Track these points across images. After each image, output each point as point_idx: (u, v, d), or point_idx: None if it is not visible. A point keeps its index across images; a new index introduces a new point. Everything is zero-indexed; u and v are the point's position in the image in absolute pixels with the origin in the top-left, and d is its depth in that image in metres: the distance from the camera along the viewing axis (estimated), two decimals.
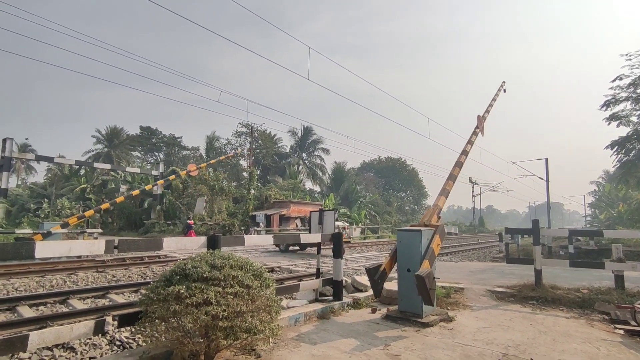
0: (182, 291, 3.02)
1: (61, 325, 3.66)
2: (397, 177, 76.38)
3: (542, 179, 35.48)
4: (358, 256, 15.24)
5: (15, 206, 34.56)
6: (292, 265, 10.99)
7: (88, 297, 6.51)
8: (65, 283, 8.24)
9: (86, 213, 16.37)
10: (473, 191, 64.02)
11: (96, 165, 26.47)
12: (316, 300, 5.87)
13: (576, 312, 5.45)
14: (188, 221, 23.97)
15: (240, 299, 3.22)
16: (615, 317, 4.91)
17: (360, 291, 6.48)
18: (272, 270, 10.13)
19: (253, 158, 53.32)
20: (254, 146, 52.41)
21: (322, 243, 6.10)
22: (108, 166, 27.15)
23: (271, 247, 18.38)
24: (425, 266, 4.65)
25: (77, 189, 33.35)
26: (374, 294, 5.28)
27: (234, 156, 45.59)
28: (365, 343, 4.00)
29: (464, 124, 8.42)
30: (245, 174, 45.75)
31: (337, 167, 54.94)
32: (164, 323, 2.98)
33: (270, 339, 3.46)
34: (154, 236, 26.45)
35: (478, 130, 8.54)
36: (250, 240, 4.50)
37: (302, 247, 16.94)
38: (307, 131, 56.52)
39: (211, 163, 32.50)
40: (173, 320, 2.98)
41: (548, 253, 17.21)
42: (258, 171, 54.08)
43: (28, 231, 13.62)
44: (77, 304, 5.95)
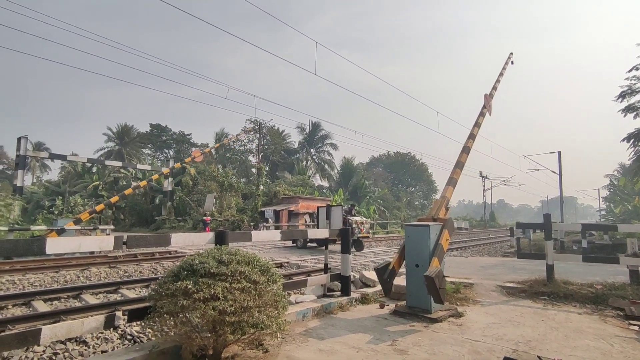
0: (190, 286, 3.04)
1: (74, 319, 3.73)
2: (407, 172, 75.89)
3: (555, 173, 34.82)
4: (367, 251, 15.21)
5: (30, 203, 35.42)
6: (301, 260, 11.03)
7: (100, 292, 6.65)
8: (78, 278, 8.42)
9: (97, 207, 16.67)
10: (484, 186, 63.19)
11: (107, 162, 26.91)
12: (324, 295, 5.87)
13: (589, 308, 5.34)
14: (204, 218, 24.36)
15: (247, 294, 3.23)
16: (629, 313, 4.81)
17: (368, 286, 6.47)
18: (281, 265, 10.18)
19: (262, 154, 53.57)
20: (262, 142, 52.61)
21: (335, 240, 6.09)
22: (119, 163, 27.57)
23: (288, 243, 18.39)
24: (434, 265, 4.60)
25: (90, 186, 33.97)
26: (384, 293, 5.26)
27: (237, 139, 45.49)
28: (373, 338, 3.99)
29: (474, 117, 8.21)
30: (254, 170, 45.95)
31: (346, 163, 54.75)
32: (172, 318, 3.01)
33: (277, 334, 3.47)
34: (164, 232, 26.84)
35: (485, 110, 8.21)
36: (257, 235, 4.51)
37: (320, 244, 16.57)
38: (316, 127, 56.39)
39: (215, 147, 32.49)
40: (181, 315, 3.01)
41: (561, 248, 16.92)
42: (267, 167, 54.31)
43: (43, 228, 13.95)
44: (90, 299, 6.08)
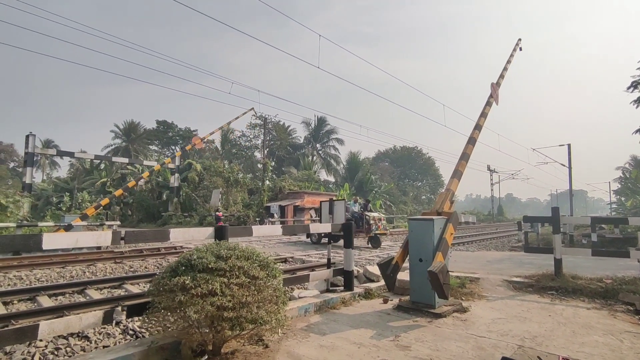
0: (187, 282, 3.01)
1: (76, 314, 3.73)
2: (413, 167, 75.47)
3: (564, 166, 34.29)
4: (360, 245, 15.14)
5: (40, 200, 35.98)
6: (305, 255, 11.00)
7: (105, 287, 6.70)
8: (84, 274, 8.50)
9: (102, 202, 16.85)
10: (491, 179, 62.58)
11: (114, 159, 27.17)
12: (327, 290, 5.84)
13: (598, 303, 5.22)
14: (217, 213, 24.51)
15: (245, 290, 3.19)
16: None
17: (372, 281, 6.41)
18: (285, 260, 10.17)
19: (267, 150, 53.59)
20: (268, 138, 52.59)
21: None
22: (126, 160, 27.82)
23: (303, 238, 18.28)
24: (438, 259, 4.52)
25: (98, 183, 34.35)
26: (388, 288, 5.19)
27: (237, 119, 45.22)
28: (375, 334, 3.93)
29: (481, 109, 8.06)
30: (260, 166, 46.01)
31: (352, 157, 54.55)
32: (170, 313, 2.98)
33: (278, 330, 3.44)
34: (171, 228, 27.01)
35: (492, 99, 7.99)
36: (258, 230, 4.47)
37: (335, 239, 16.08)
38: (321, 122, 56.22)
39: (214, 132, 32.35)
40: (179, 310, 2.98)
41: (570, 242, 16.67)
42: (273, 163, 54.36)
43: (50, 224, 14.14)
44: (94, 294, 6.13)
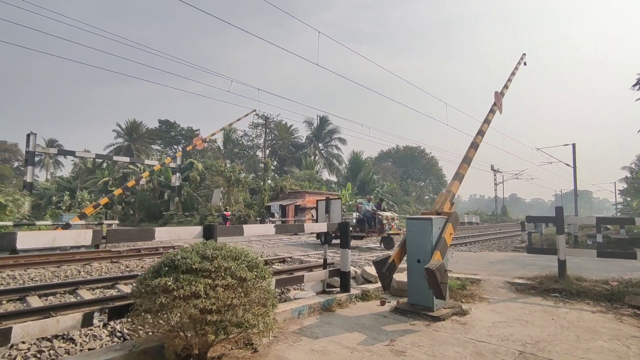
0: (170, 283, 2.86)
1: (55, 317, 3.59)
2: (416, 166, 75.17)
3: (569, 166, 33.90)
4: (373, 246, 14.96)
5: (43, 199, 36.11)
6: (304, 255, 10.85)
7: (97, 288, 6.58)
8: (79, 273, 8.39)
9: (101, 201, 16.78)
10: (495, 179, 62.19)
11: (115, 158, 27.16)
12: (323, 291, 5.69)
13: (604, 306, 5.03)
14: (224, 212, 24.46)
15: (232, 292, 3.04)
16: None
17: (369, 282, 6.25)
18: (284, 260, 10.02)
19: (269, 149, 53.51)
20: (271, 137, 52.52)
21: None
22: (127, 159, 27.82)
23: (312, 239, 17.96)
24: (436, 258, 4.36)
25: (100, 182, 34.41)
26: (383, 287, 5.04)
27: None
28: (369, 338, 3.77)
29: (483, 108, 7.95)
30: (262, 165, 45.92)
31: (354, 157, 54.35)
32: (151, 316, 2.84)
33: (265, 333, 3.29)
34: (171, 227, 26.95)
35: (496, 107, 7.95)
36: (249, 230, 4.32)
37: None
38: (323, 121, 56.06)
39: (216, 133, 32.34)
40: (160, 313, 2.84)
41: (574, 242, 16.40)
42: (275, 162, 54.28)
43: (48, 223, 14.09)
44: (85, 294, 6.01)
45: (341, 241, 5.45)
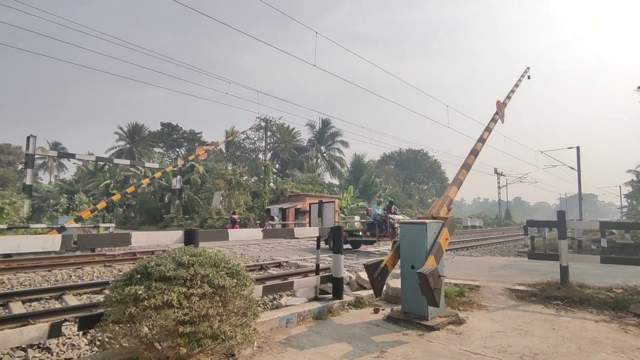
0: (141, 292, 2.70)
1: (45, 322, 3.42)
2: (419, 170, 74.87)
3: (573, 169, 33.56)
4: (372, 250, 14.74)
5: (45, 202, 36.18)
6: (301, 260, 10.66)
7: (85, 293, 6.42)
8: (70, 277, 8.23)
9: (99, 205, 16.67)
10: (499, 182, 61.65)
11: (116, 161, 27.12)
12: (316, 298, 5.50)
13: (607, 315, 4.80)
14: (233, 216, 24.28)
15: (208, 301, 2.87)
16: None
17: (364, 289, 6.05)
18: (279, 265, 9.84)
19: (272, 152, 53.45)
20: (273, 140, 52.47)
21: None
22: (127, 162, 27.79)
23: (311, 243, 17.50)
24: (430, 262, 4.17)
25: (102, 185, 34.44)
26: (374, 293, 4.84)
27: (247, 137, 45.52)
28: (358, 349, 3.58)
29: (485, 110, 7.86)
30: (263, 168, 45.84)
31: (356, 160, 54.16)
32: (119, 327, 2.67)
33: (244, 346, 3.11)
34: (172, 230, 26.87)
35: (497, 116, 7.91)
36: (234, 234, 4.14)
37: (355, 245, 14.84)
38: (326, 124, 55.94)
39: (218, 144, 32.38)
40: (130, 324, 2.67)
41: (578, 247, 16.11)
42: (277, 165, 54.18)
43: (42, 226, 13.98)
44: (72, 300, 5.85)
45: (333, 246, 5.27)
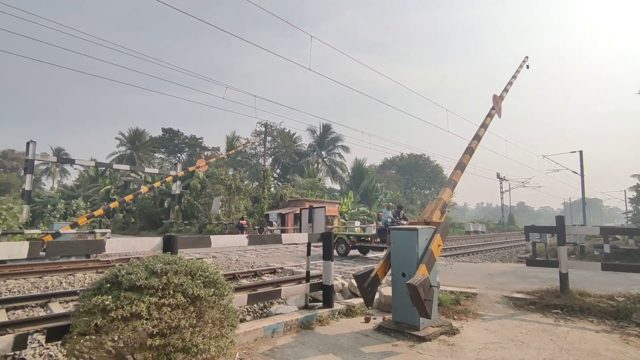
0: (108, 302, 2.56)
1: (10, 335, 3.29)
2: (421, 174, 74.56)
3: (576, 173, 33.20)
4: (371, 256, 14.52)
5: (47, 207, 36.18)
6: (296, 266, 10.47)
7: (72, 300, 6.26)
8: (61, 284, 8.08)
9: (95, 212, 16.59)
10: (501, 187, 61.29)
11: (116, 166, 27.09)
12: (306, 306, 5.33)
13: (608, 325, 4.61)
14: (240, 222, 24.05)
15: (180, 312, 2.72)
16: None
17: (357, 296, 5.88)
18: (274, 271, 9.66)
19: (272, 157, 53.40)
20: (273, 145, 52.45)
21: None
22: (127, 167, 27.76)
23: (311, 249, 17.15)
24: (421, 272, 4.00)
25: (102, 190, 34.43)
26: (365, 303, 4.67)
27: (248, 141, 45.59)
28: None
29: (483, 114, 7.68)
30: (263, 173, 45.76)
31: (357, 165, 54.01)
32: (84, 340, 2.53)
33: (222, 358, 2.95)
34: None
35: (494, 111, 7.62)
36: (217, 241, 4.00)
37: (363, 251, 14.50)
38: (326, 129, 55.87)
39: (220, 157, 32.48)
40: (95, 336, 2.52)
41: (581, 253, 15.83)
42: (278, 170, 54.10)
43: (37, 231, 13.88)
44: (57, 308, 5.70)
45: (323, 253, 5.11)
